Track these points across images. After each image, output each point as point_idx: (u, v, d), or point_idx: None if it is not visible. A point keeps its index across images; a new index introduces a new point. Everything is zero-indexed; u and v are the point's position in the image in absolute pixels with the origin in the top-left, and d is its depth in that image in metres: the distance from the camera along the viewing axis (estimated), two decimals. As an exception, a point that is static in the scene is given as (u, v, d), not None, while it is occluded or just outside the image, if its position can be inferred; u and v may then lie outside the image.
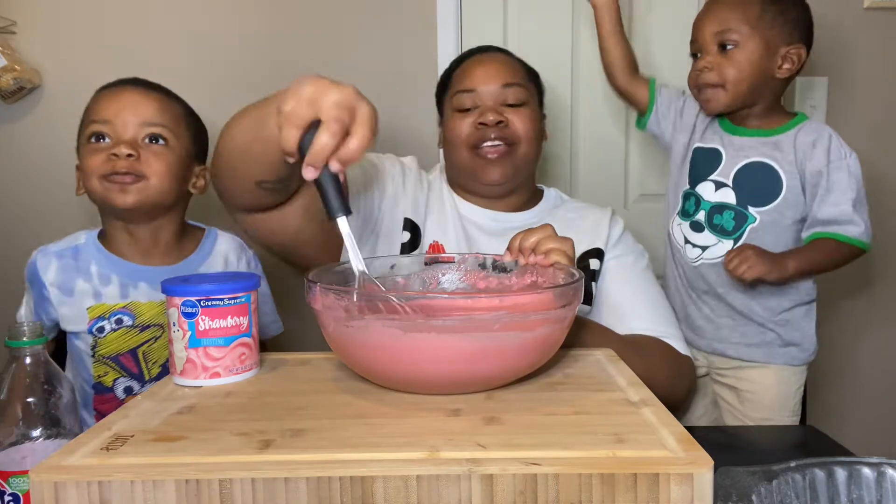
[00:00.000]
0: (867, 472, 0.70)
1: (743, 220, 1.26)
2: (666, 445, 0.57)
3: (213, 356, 0.75)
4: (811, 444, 1.06)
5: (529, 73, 1.30)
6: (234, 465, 0.55)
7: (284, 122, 0.73)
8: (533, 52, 1.43)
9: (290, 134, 0.73)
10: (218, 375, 0.76)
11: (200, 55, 1.63)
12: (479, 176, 1.21)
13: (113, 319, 1.14)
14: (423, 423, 0.63)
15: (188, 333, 0.75)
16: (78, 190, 1.18)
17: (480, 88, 1.21)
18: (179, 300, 0.75)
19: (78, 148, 1.17)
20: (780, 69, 1.26)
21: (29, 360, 0.73)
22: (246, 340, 0.78)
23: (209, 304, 0.75)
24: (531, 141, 1.22)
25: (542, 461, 0.54)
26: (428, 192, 1.25)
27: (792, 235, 1.27)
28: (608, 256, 1.22)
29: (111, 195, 1.11)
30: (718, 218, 1.28)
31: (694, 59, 1.31)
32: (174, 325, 0.76)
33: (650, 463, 0.54)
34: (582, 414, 0.65)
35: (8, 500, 0.69)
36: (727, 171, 1.29)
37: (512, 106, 1.21)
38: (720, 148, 1.31)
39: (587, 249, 1.21)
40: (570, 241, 0.90)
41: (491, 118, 1.18)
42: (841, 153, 1.23)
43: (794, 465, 0.70)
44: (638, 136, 1.71)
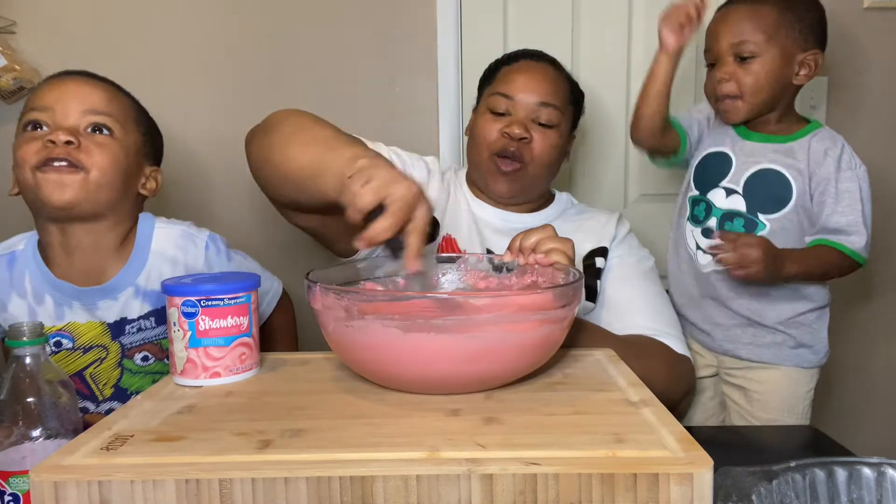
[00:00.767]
0: (867, 472, 0.70)
1: (753, 227, 1.24)
2: (666, 445, 0.57)
3: (213, 356, 0.76)
4: (811, 444, 1.06)
5: (573, 93, 1.29)
6: (234, 464, 0.55)
7: (349, 201, 0.78)
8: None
9: (354, 215, 0.78)
10: (218, 375, 0.76)
11: (200, 56, 1.63)
12: (488, 182, 1.24)
13: (51, 342, 1.03)
14: (422, 422, 0.64)
15: (188, 333, 0.75)
16: (12, 189, 1.04)
17: (518, 97, 1.22)
18: (180, 300, 0.75)
19: (14, 143, 1.04)
20: (797, 76, 1.25)
21: (29, 360, 0.73)
22: (246, 340, 0.78)
23: (209, 303, 0.75)
24: (546, 165, 1.23)
25: (541, 461, 0.54)
26: (446, 189, 1.28)
27: (801, 243, 1.25)
28: (612, 255, 1.22)
29: (46, 190, 0.97)
30: (729, 225, 1.27)
31: (709, 67, 1.29)
32: (174, 324, 0.76)
33: (650, 463, 0.54)
34: (582, 414, 0.65)
35: (8, 500, 0.69)
36: (737, 177, 1.27)
37: (542, 125, 1.22)
38: (730, 153, 1.29)
39: (594, 248, 1.22)
40: (570, 241, 0.90)
41: (517, 132, 1.19)
42: (852, 163, 1.22)
43: (794, 465, 0.70)
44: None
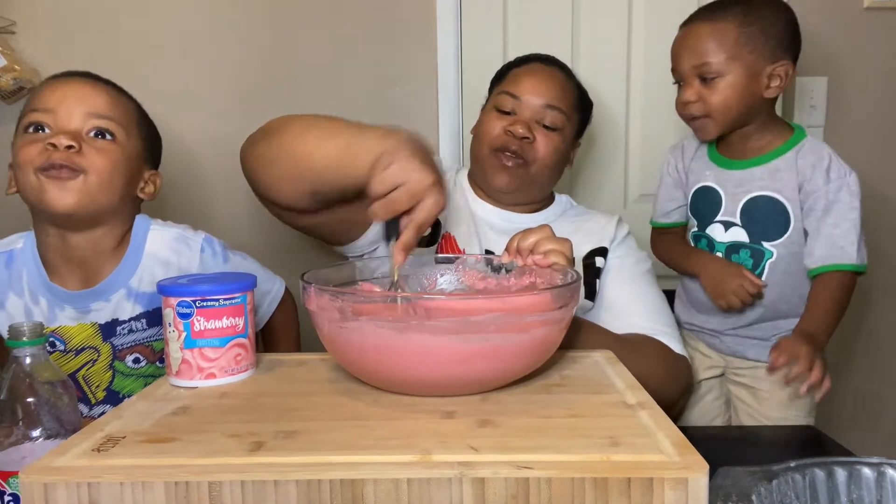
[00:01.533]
0: (867, 472, 0.70)
1: (760, 256, 1.22)
2: (661, 449, 0.57)
3: (208, 357, 0.75)
4: (811, 444, 1.06)
5: (581, 101, 1.29)
6: (223, 467, 0.55)
7: (375, 176, 0.83)
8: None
9: (376, 191, 0.83)
10: (213, 376, 0.76)
11: (200, 56, 1.63)
12: (489, 176, 1.24)
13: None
14: (416, 425, 0.63)
15: (183, 334, 0.75)
16: (9, 188, 1.04)
17: (524, 98, 1.22)
18: (175, 301, 0.75)
19: (14, 142, 1.04)
20: (768, 89, 1.19)
21: (29, 360, 0.73)
22: (241, 341, 0.77)
23: (205, 304, 0.75)
24: (547, 167, 1.23)
25: (534, 465, 0.54)
26: (449, 189, 1.28)
27: None
28: (611, 256, 1.23)
29: (48, 194, 0.98)
30: (736, 257, 1.24)
31: (677, 85, 1.25)
32: (170, 325, 0.76)
33: (644, 467, 0.54)
34: (577, 417, 0.65)
35: (8, 500, 0.69)
36: (731, 209, 1.24)
37: (546, 127, 1.22)
38: (716, 186, 1.27)
39: (593, 248, 1.22)
40: (568, 242, 0.89)
41: (520, 131, 1.20)
42: (841, 172, 1.19)
43: (794, 465, 0.70)
44: (638, 135, 1.71)
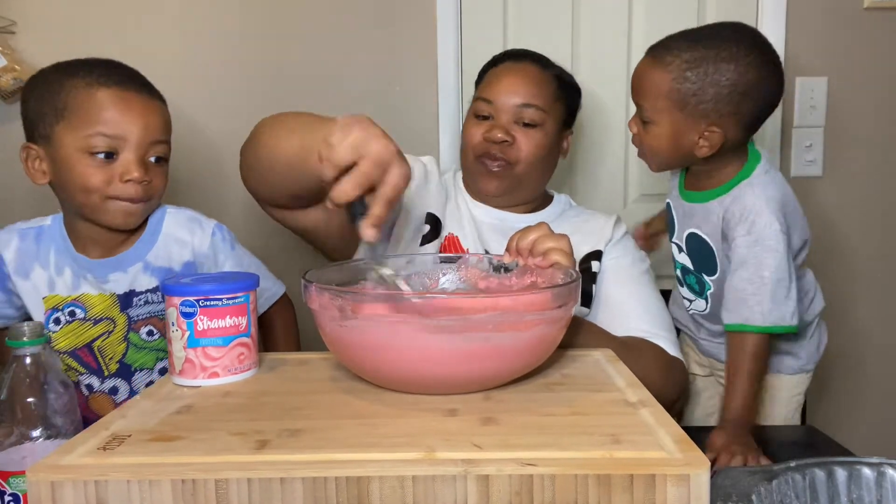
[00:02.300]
0: (867, 472, 0.70)
1: (702, 285, 1.22)
2: (663, 446, 0.57)
3: (211, 356, 0.76)
4: (811, 444, 1.06)
5: (562, 90, 1.25)
6: (230, 465, 0.55)
7: (326, 157, 0.76)
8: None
9: (328, 172, 0.77)
10: (216, 375, 0.76)
11: (200, 55, 1.63)
12: (478, 183, 1.25)
13: (66, 311, 1.09)
14: (419, 423, 0.63)
15: (187, 333, 0.75)
16: (39, 178, 1.06)
17: (499, 101, 1.21)
18: (178, 300, 0.75)
19: (41, 131, 1.04)
20: (698, 148, 1.11)
21: (29, 360, 0.74)
22: (245, 340, 0.78)
23: (208, 304, 0.75)
24: (533, 164, 1.22)
25: (538, 462, 0.54)
26: (445, 190, 1.28)
27: None
28: (607, 257, 1.21)
29: (110, 216, 1.05)
30: (689, 278, 1.25)
31: None
32: (173, 324, 0.76)
33: (647, 464, 0.54)
34: (579, 415, 0.65)
35: (8, 500, 0.69)
36: (680, 236, 1.24)
37: (526, 125, 1.21)
38: (673, 210, 1.25)
39: (589, 252, 1.21)
40: (565, 237, 0.89)
41: (499, 136, 1.19)
42: (762, 225, 1.09)
43: (794, 465, 0.70)
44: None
